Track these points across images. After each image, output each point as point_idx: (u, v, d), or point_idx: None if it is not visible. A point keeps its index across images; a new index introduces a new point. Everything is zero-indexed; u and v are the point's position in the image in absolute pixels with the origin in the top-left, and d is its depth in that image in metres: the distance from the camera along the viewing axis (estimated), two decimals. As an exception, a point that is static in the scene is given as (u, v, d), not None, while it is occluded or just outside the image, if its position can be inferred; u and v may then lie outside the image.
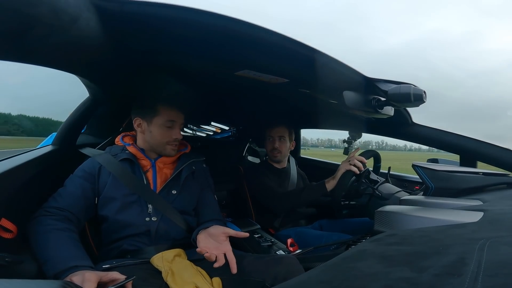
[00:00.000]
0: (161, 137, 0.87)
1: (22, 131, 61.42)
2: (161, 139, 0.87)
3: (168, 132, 0.87)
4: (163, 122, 0.87)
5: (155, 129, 0.87)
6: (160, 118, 0.87)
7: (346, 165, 1.03)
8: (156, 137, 0.87)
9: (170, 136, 0.88)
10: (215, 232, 0.76)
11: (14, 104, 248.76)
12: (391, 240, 0.42)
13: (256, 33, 0.54)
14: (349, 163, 1.03)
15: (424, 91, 0.68)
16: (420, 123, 1.08)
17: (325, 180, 1.09)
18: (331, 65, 0.65)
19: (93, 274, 0.58)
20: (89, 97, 0.99)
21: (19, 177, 0.73)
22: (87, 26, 0.47)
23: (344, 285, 0.30)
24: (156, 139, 0.87)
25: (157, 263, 0.73)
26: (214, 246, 0.72)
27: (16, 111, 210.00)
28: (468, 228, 0.45)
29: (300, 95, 0.96)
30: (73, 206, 0.75)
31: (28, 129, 63.70)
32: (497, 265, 0.28)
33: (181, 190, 0.88)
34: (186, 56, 0.71)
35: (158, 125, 0.87)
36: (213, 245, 0.73)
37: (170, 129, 0.88)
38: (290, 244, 1.01)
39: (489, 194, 0.77)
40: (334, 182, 1.07)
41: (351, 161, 1.04)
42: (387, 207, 0.73)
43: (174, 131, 0.88)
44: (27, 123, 71.18)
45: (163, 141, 0.87)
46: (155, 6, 0.49)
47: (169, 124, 0.87)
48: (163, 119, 0.87)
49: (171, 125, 0.88)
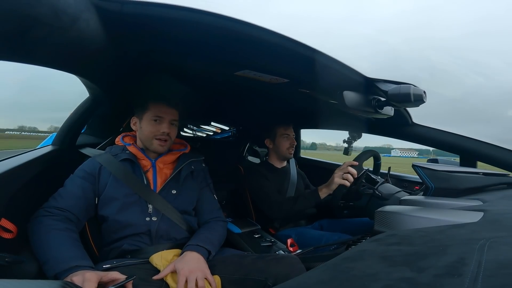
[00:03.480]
0: (149, 132, 0.87)
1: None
2: (148, 133, 0.87)
3: (155, 126, 0.87)
4: (151, 117, 0.87)
5: (144, 125, 0.88)
6: (148, 114, 0.88)
7: (339, 179, 1.02)
8: (145, 132, 0.88)
9: (157, 130, 0.87)
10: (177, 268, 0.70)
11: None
12: (391, 240, 0.42)
13: (256, 33, 0.54)
14: (342, 177, 1.02)
15: (424, 91, 0.68)
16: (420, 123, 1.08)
17: (318, 188, 1.09)
18: (331, 65, 0.64)
19: (94, 274, 0.58)
20: (89, 97, 0.99)
21: (19, 177, 0.73)
22: (87, 27, 0.47)
23: (344, 285, 0.30)
24: (144, 134, 0.88)
25: (156, 262, 0.73)
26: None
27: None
28: (468, 228, 0.45)
29: (300, 95, 0.96)
30: (74, 206, 0.75)
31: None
32: (497, 265, 0.28)
33: (181, 189, 0.88)
34: (186, 56, 0.71)
35: (147, 121, 0.88)
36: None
37: (157, 123, 0.88)
38: (290, 244, 1.01)
39: (489, 194, 0.77)
40: (327, 190, 1.06)
41: (344, 171, 1.02)
42: (387, 207, 0.73)
43: (162, 125, 0.88)
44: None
45: (150, 136, 0.87)
46: (155, 6, 0.49)
47: (156, 119, 0.87)
48: (151, 114, 0.87)
49: (159, 120, 0.88)
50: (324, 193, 1.07)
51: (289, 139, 1.33)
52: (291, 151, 1.34)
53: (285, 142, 1.33)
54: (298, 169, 1.46)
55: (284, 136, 1.32)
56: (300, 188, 1.35)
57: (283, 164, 1.38)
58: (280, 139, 1.33)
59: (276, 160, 1.37)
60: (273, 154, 1.38)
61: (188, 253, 0.73)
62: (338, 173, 1.03)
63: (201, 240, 0.78)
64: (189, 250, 0.75)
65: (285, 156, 1.35)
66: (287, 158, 1.37)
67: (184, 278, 0.66)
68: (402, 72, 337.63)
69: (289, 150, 1.33)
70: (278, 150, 1.34)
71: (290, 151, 1.34)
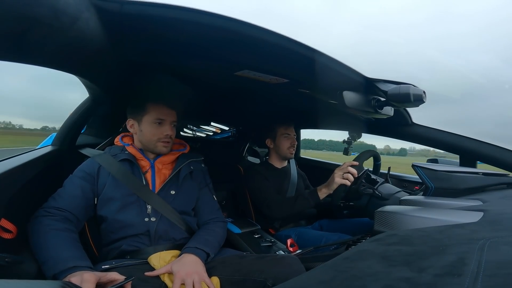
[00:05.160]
0: (152, 135, 0.87)
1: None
2: (151, 136, 0.87)
3: (158, 129, 0.87)
4: (152, 119, 0.87)
5: (145, 128, 0.87)
6: (149, 116, 0.87)
7: (339, 179, 1.02)
8: (147, 135, 0.87)
9: (161, 132, 0.87)
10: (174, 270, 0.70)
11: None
12: (391, 240, 0.42)
13: (256, 33, 0.54)
14: (342, 176, 1.02)
15: (424, 91, 0.68)
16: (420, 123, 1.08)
17: (318, 188, 1.08)
18: (330, 65, 0.64)
19: (92, 275, 0.58)
20: (89, 97, 0.99)
21: (19, 177, 0.73)
22: (86, 27, 0.47)
23: (344, 285, 0.30)
24: (147, 137, 0.87)
25: (154, 262, 0.73)
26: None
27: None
28: (468, 228, 0.45)
29: (300, 95, 0.96)
30: (73, 206, 0.75)
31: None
32: (497, 265, 0.28)
33: (180, 190, 0.87)
34: (186, 56, 0.71)
35: (148, 123, 0.87)
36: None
37: (160, 126, 0.87)
38: (290, 244, 1.01)
39: (489, 194, 0.77)
40: (327, 190, 1.06)
41: (344, 171, 1.03)
42: (387, 207, 0.73)
43: (164, 128, 0.87)
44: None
45: (154, 139, 0.87)
46: (155, 7, 0.49)
47: (158, 121, 0.87)
48: (152, 117, 0.87)
49: (160, 122, 0.87)
50: (324, 193, 1.07)
51: (290, 138, 1.33)
52: (292, 151, 1.34)
53: (286, 141, 1.33)
54: (299, 170, 1.46)
55: (285, 135, 1.32)
56: (300, 189, 1.35)
57: (283, 164, 1.38)
58: (280, 138, 1.33)
59: (276, 160, 1.37)
60: (273, 154, 1.38)
61: (185, 255, 0.73)
62: (339, 173, 1.03)
63: (199, 242, 0.78)
64: (187, 252, 0.74)
65: (285, 156, 1.35)
66: (288, 158, 1.37)
67: (180, 281, 0.65)
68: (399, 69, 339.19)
69: (290, 150, 1.33)
70: (278, 149, 1.34)
71: (291, 151, 1.34)
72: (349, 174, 1.01)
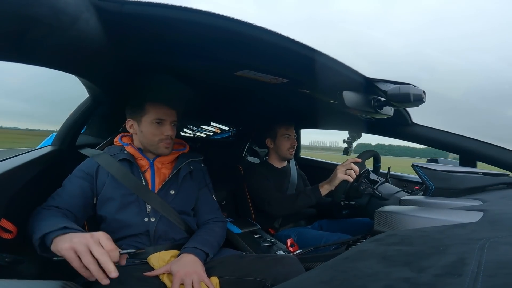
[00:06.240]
0: (152, 136, 0.86)
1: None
2: (152, 137, 0.86)
3: (158, 129, 0.86)
4: (152, 119, 0.86)
5: (145, 128, 0.86)
6: (148, 117, 0.86)
7: (342, 175, 1.02)
8: (147, 136, 0.86)
9: (161, 133, 0.86)
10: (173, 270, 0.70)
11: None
12: (391, 240, 0.42)
13: (256, 33, 0.54)
14: (345, 172, 1.02)
15: (424, 91, 0.68)
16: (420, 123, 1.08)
17: (319, 185, 1.08)
18: (330, 65, 0.64)
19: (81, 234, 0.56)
20: (89, 97, 0.99)
21: (19, 177, 0.73)
22: (86, 27, 0.47)
23: (344, 285, 0.30)
24: (148, 138, 0.87)
25: (153, 262, 0.73)
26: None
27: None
28: (468, 228, 0.45)
29: (300, 95, 0.96)
30: (71, 205, 0.75)
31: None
32: (497, 265, 0.28)
33: (179, 190, 0.87)
34: (186, 56, 0.71)
35: (148, 124, 0.86)
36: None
37: (160, 126, 0.86)
38: (290, 244, 1.01)
39: (489, 194, 0.77)
40: (329, 187, 1.05)
41: (347, 167, 1.02)
42: (387, 207, 0.73)
43: (165, 128, 0.87)
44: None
45: (155, 139, 0.86)
46: (155, 7, 0.49)
47: (158, 121, 0.86)
48: (151, 117, 0.86)
49: (160, 122, 0.86)
50: (326, 190, 1.06)
51: (290, 139, 1.33)
52: (292, 152, 1.34)
53: (285, 142, 1.32)
54: (298, 170, 1.46)
55: (285, 136, 1.32)
56: (299, 189, 1.35)
57: (283, 164, 1.38)
58: (281, 139, 1.33)
59: (276, 160, 1.37)
60: (273, 154, 1.38)
61: (184, 255, 0.73)
62: (341, 169, 1.03)
63: (198, 242, 0.78)
64: (186, 252, 0.74)
65: (285, 157, 1.35)
66: (287, 159, 1.37)
67: (179, 281, 0.65)
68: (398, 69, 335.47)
69: (290, 151, 1.33)
70: (278, 150, 1.34)
71: (290, 152, 1.33)
72: (352, 170, 1.01)
